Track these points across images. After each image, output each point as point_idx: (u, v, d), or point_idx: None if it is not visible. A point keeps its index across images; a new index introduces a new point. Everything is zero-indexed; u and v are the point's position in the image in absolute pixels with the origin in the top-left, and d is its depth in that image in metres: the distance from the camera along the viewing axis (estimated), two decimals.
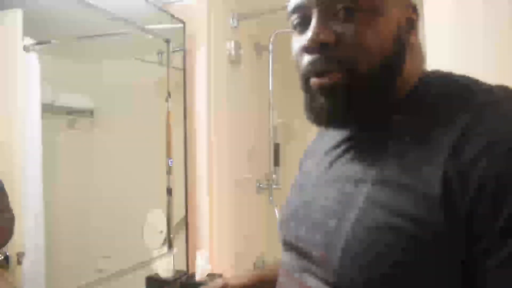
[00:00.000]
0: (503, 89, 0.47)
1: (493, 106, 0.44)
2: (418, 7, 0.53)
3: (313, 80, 0.50)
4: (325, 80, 0.49)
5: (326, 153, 0.59)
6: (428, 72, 0.54)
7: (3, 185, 1.02)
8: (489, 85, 0.48)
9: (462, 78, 0.50)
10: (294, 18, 0.52)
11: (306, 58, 0.50)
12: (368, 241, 0.44)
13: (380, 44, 0.48)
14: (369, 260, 0.44)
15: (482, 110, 0.43)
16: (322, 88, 0.50)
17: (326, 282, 0.48)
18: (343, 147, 0.56)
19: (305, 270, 0.53)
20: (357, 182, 0.49)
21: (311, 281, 0.51)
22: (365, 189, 0.47)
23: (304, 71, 0.51)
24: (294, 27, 0.53)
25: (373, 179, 0.47)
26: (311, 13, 0.49)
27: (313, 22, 0.49)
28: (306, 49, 0.50)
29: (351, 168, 0.52)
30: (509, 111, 0.43)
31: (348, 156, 0.54)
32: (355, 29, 0.48)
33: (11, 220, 1.04)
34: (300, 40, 0.51)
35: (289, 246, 0.59)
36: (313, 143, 0.69)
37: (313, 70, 0.50)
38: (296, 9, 0.52)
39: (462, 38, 1.24)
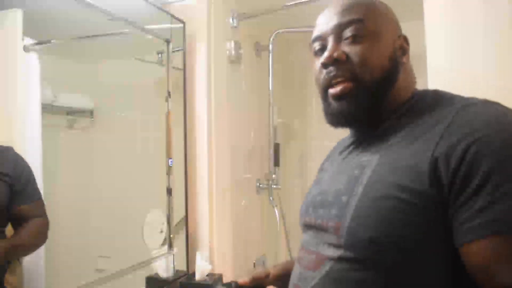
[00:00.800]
0: (479, 99, 0.59)
1: (471, 106, 0.57)
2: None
3: (330, 91, 0.67)
4: (338, 88, 0.65)
5: (340, 153, 0.75)
6: (420, 90, 0.70)
7: (40, 193, 1.10)
8: (461, 96, 0.62)
9: (447, 93, 0.64)
10: (315, 46, 0.70)
11: (324, 72, 0.67)
12: (372, 207, 0.57)
13: (379, 62, 0.65)
14: (373, 222, 0.56)
15: (462, 110, 0.57)
16: (336, 95, 0.66)
17: (338, 246, 0.60)
18: (353, 146, 0.71)
19: (321, 243, 0.64)
20: (363, 167, 0.62)
21: (325, 250, 0.63)
22: (369, 170, 0.60)
23: (323, 83, 0.68)
24: (315, 54, 0.70)
25: (375, 163, 0.60)
26: (327, 41, 0.68)
27: (329, 45, 0.67)
28: (324, 65, 0.66)
29: (358, 158, 0.66)
30: (482, 110, 0.56)
31: (356, 151, 0.69)
32: (361, 50, 0.64)
33: (47, 225, 1.12)
34: (319, 61, 0.68)
35: (308, 226, 0.71)
36: (332, 150, 0.84)
37: (329, 79, 0.66)
38: (317, 38, 0.70)
39: (462, 39, 1.24)
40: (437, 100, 0.62)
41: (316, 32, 0.71)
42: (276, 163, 2.19)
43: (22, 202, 1.05)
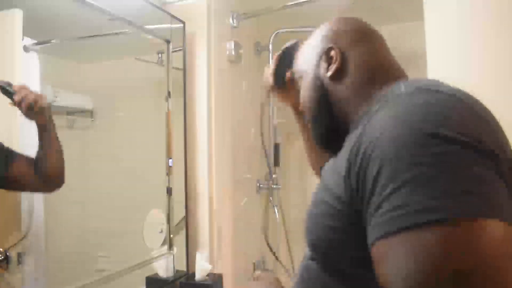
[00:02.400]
0: (417, 88, 0.53)
1: (395, 100, 0.54)
2: (348, 42, 0.70)
3: None
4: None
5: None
6: (393, 83, 0.63)
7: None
8: (418, 81, 0.57)
9: (411, 82, 0.59)
10: None
11: None
12: (313, 212, 0.61)
13: (308, 95, 0.73)
14: (312, 226, 0.60)
15: (382, 106, 0.54)
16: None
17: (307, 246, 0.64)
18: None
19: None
20: (325, 173, 0.64)
21: (306, 249, 0.66)
22: (325, 176, 0.63)
23: None
24: None
25: (328, 170, 0.63)
26: None
27: None
28: None
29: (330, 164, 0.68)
30: (400, 104, 0.51)
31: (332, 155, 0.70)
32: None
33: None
34: None
35: None
36: None
37: None
38: None
39: (462, 39, 1.24)
40: (385, 95, 0.60)
41: None
42: (276, 163, 2.19)
43: (14, 156, 1.04)
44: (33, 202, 1.15)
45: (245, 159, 2.05)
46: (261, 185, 2.18)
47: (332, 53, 0.69)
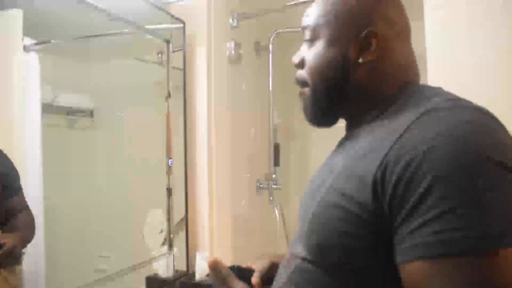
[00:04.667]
0: (450, 103, 0.53)
1: (431, 113, 0.51)
2: (386, 28, 0.63)
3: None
4: (301, 91, 0.70)
5: (332, 151, 0.73)
6: (410, 85, 0.63)
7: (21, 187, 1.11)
8: (444, 95, 0.56)
9: (427, 89, 0.60)
10: None
11: None
12: (323, 215, 0.57)
13: (324, 67, 0.65)
14: (321, 229, 0.56)
15: (418, 118, 0.51)
16: (300, 96, 0.70)
17: (303, 246, 0.61)
18: (340, 143, 0.70)
19: (296, 241, 0.65)
20: (331, 170, 0.61)
21: (296, 249, 0.63)
22: (333, 175, 0.59)
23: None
24: None
25: (339, 168, 0.58)
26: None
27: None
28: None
29: (333, 159, 0.65)
30: (439, 119, 0.50)
31: (338, 149, 0.68)
32: (310, 55, 0.66)
33: (33, 217, 1.14)
34: None
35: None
36: None
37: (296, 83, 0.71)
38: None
39: (462, 39, 1.24)
40: (409, 102, 0.58)
41: None
42: (276, 163, 2.19)
43: (14, 194, 1.09)
44: (33, 202, 1.15)
45: (245, 159, 2.05)
46: (261, 185, 2.18)
47: (373, 40, 0.62)
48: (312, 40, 0.66)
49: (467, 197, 0.43)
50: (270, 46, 2.14)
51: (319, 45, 0.65)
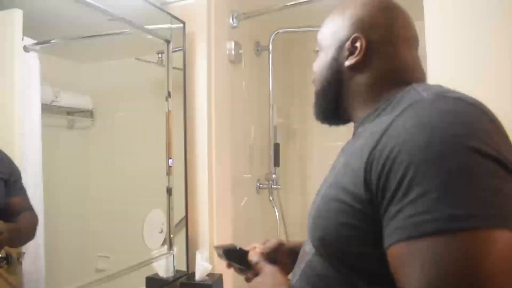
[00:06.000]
0: (435, 95, 0.55)
1: (414, 106, 0.54)
2: (375, 33, 0.68)
3: None
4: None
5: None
6: (410, 85, 0.64)
7: (25, 188, 1.11)
8: (433, 88, 0.58)
9: (422, 86, 0.61)
10: None
11: None
12: (325, 209, 0.60)
13: (319, 73, 0.74)
14: (323, 222, 0.60)
15: (404, 110, 0.54)
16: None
17: (311, 242, 0.65)
18: (344, 146, 0.74)
19: (308, 238, 0.68)
20: (334, 168, 0.66)
21: (307, 245, 0.68)
22: (335, 172, 0.63)
23: None
24: None
25: (341, 165, 0.62)
26: None
27: None
28: None
29: (339, 157, 0.69)
30: (422, 110, 0.52)
31: (342, 151, 0.72)
32: (315, 62, 0.76)
33: (37, 218, 1.13)
34: None
35: None
36: None
37: None
38: None
39: (462, 39, 1.24)
40: (403, 98, 0.60)
41: None
42: (276, 163, 2.19)
43: (16, 193, 1.08)
44: (33, 202, 1.15)
45: (245, 159, 2.05)
46: (261, 185, 2.18)
47: (358, 44, 0.67)
48: (318, 51, 0.76)
49: (438, 181, 0.46)
50: (270, 46, 2.14)
51: (320, 53, 0.75)
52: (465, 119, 0.49)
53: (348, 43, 0.68)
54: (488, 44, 1.19)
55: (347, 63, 0.69)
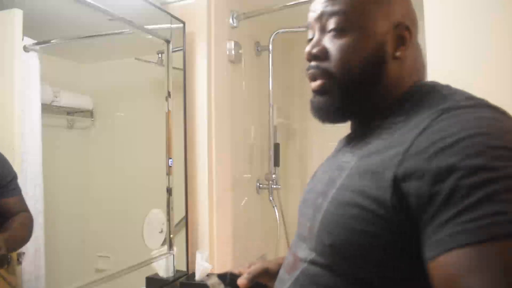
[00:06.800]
0: (469, 102, 0.53)
1: (451, 111, 0.51)
2: (412, 25, 0.63)
3: (311, 84, 0.65)
4: (315, 84, 0.64)
5: (335, 149, 0.72)
6: (422, 82, 0.64)
7: (20, 188, 1.09)
8: (462, 94, 0.56)
9: (443, 88, 0.59)
10: (308, 33, 0.67)
11: (308, 65, 0.65)
12: (337, 214, 0.55)
13: (358, 59, 0.60)
14: (336, 229, 0.54)
15: (440, 114, 0.51)
16: (314, 90, 0.64)
17: (310, 249, 0.59)
18: (345, 142, 0.69)
19: (299, 244, 0.63)
20: (341, 168, 0.59)
21: (301, 251, 0.61)
22: (344, 173, 0.57)
23: (307, 75, 0.66)
24: (307, 42, 0.67)
25: (352, 165, 0.57)
26: (314, 32, 0.65)
27: (314, 37, 0.64)
28: (307, 59, 0.65)
29: (341, 157, 0.64)
30: (462, 115, 0.50)
31: (345, 148, 0.66)
32: (340, 46, 0.61)
33: (32, 220, 1.12)
34: None
35: (298, 225, 0.69)
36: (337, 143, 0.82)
37: (308, 76, 0.65)
38: (307, 27, 0.68)
39: (463, 39, 1.24)
40: (425, 99, 0.57)
41: (308, 18, 0.68)
42: (276, 163, 2.19)
43: (10, 194, 1.06)
44: (33, 202, 1.15)
45: (245, 159, 2.05)
46: (261, 185, 2.18)
47: (406, 33, 0.61)
48: (340, 30, 0.60)
49: (504, 184, 0.43)
50: (270, 46, 2.14)
51: (352, 35, 0.60)
52: (508, 126, 0.49)
53: (394, 32, 0.60)
54: (488, 43, 1.19)
55: (398, 53, 0.60)
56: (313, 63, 0.63)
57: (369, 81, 0.61)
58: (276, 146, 2.20)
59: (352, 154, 0.60)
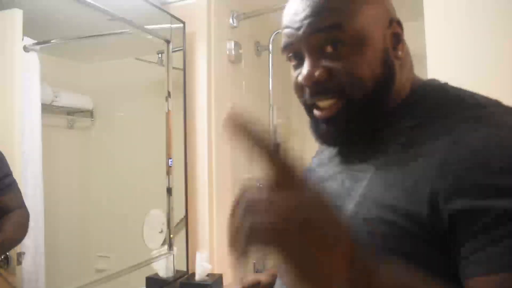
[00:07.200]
0: (493, 103, 0.51)
1: (483, 120, 0.47)
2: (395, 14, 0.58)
3: (316, 113, 0.57)
4: (325, 113, 0.55)
5: (328, 156, 0.67)
6: (422, 80, 0.59)
7: (17, 184, 1.08)
8: (482, 97, 0.53)
9: (454, 89, 0.55)
10: (287, 54, 0.60)
11: (307, 91, 0.56)
12: (363, 231, 0.48)
13: (370, 71, 0.53)
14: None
15: (476, 123, 0.47)
16: (323, 118, 0.56)
17: None
18: (339, 148, 0.63)
19: None
20: (356, 179, 0.53)
21: None
22: (362, 184, 0.52)
23: (307, 102, 0.58)
24: (289, 60, 0.60)
25: (370, 176, 0.52)
26: (302, 52, 0.55)
27: (306, 61, 0.54)
28: (304, 85, 0.56)
29: (350, 165, 0.57)
30: (496, 127, 0.46)
31: (349, 154, 0.59)
32: (345, 64, 0.52)
33: (27, 216, 1.10)
34: (296, 74, 0.57)
35: None
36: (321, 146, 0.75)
37: (313, 101, 0.56)
38: (286, 47, 0.59)
39: (463, 39, 1.24)
40: (443, 102, 0.53)
41: (285, 37, 0.60)
42: None
43: (3, 191, 1.05)
44: (33, 202, 1.15)
45: (245, 159, 2.05)
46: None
47: (399, 29, 0.56)
48: (341, 45, 0.53)
49: None
50: (270, 46, 2.14)
51: (354, 48, 0.53)
52: None
53: (394, 28, 0.55)
54: (488, 43, 1.19)
55: (400, 53, 0.55)
56: (315, 88, 0.55)
57: (383, 92, 0.54)
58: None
59: (366, 162, 0.54)
